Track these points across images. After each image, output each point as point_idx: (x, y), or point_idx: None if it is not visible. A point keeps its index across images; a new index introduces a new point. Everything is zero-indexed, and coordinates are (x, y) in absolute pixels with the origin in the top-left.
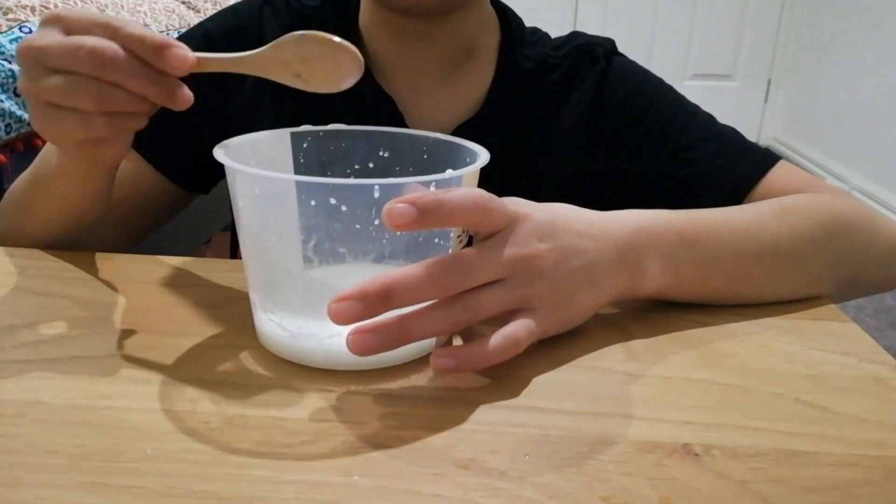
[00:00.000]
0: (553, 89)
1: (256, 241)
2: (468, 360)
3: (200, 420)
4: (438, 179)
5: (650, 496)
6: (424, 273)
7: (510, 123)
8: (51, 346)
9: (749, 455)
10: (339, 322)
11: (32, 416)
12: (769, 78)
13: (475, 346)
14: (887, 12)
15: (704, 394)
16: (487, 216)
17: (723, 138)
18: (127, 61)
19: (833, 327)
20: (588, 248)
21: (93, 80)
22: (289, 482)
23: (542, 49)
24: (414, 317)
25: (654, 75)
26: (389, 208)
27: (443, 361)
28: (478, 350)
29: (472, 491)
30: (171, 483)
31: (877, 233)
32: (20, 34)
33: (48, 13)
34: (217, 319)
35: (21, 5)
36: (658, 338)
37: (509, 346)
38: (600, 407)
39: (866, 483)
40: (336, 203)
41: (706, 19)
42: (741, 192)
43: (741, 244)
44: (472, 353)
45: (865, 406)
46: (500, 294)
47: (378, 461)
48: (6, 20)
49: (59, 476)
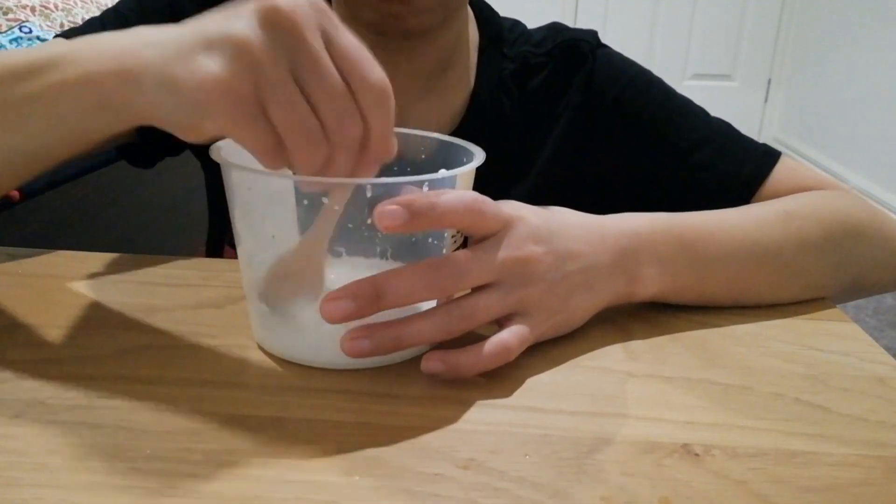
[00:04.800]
0: (539, 93)
1: (253, 240)
2: (459, 366)
3: (200, 420)
4: (431, 179)
5: (650, 496)
6: (417, 274)
7: (496, 131)
8: (51, 346)
9: (749, 455)
10: (332, 321)
11: (32, 416)
12: (769, 78)
13: (467, 353)
14: (888, 12)
15: (704, 394)
16: (480, 219)
17: (721, 138)
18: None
19: (833, 327)
20: (584, 252)
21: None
22: (289, 482)
23: (524, 47)
24: (408, 323)
25: (642, 68)
26: (381, 210)
27: (433, 365)
28: (469, 356)
29: (472, 491)
30: (171, 483)
31: (883, 236)
32: (20, 34)
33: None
34: (217, 319)
35: (21, 5)
36: (658, 338)
37: (500, 354)
38: (600, 407)
39: (866, 483)
40: (328, 202)
41: (706, 19)
42: (746, 194)
43: (742, 250)
44: (463, 359)
45: (865, 406)
46: (496, 300)
47: (378, 461)
48: (6, 20)
49: (59, 476)
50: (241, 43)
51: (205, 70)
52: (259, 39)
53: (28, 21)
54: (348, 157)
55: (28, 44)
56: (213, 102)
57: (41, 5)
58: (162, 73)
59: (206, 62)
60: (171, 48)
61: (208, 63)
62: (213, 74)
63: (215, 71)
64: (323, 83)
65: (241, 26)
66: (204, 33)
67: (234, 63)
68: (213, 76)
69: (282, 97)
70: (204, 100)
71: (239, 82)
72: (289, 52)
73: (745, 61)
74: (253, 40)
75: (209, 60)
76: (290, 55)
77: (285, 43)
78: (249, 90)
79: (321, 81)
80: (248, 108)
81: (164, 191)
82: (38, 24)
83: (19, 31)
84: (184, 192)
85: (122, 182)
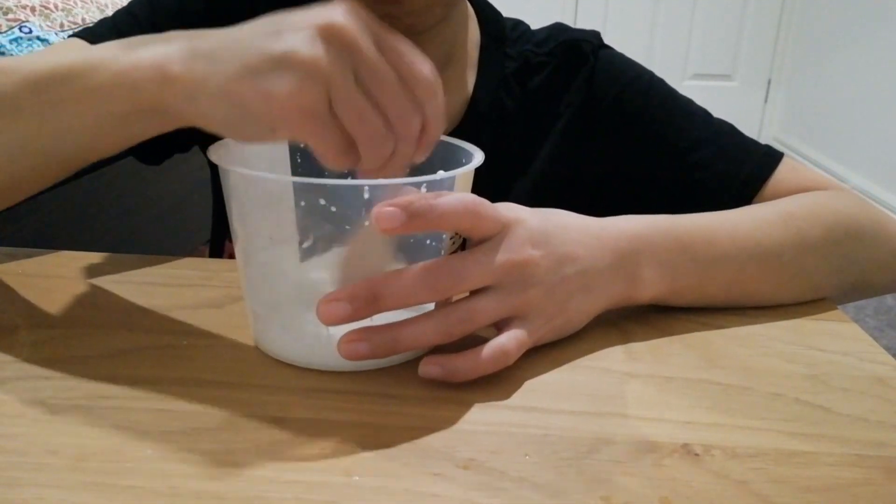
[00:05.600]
0: (540, 92)
1: (250, 241)
2: (457, 371)
3: (200, 420)
4: (429, 180)
5: (650, 496)
6: (414, 276)
7: (497, 129)
8: (51, 346)
9: (749, 455)
10: (328, 323)
11: (32, 416)
12: (769, 78)
13: (465, 357)
14: (887, 12)
15: (704, 394)
16: (478, 221)
17: (722, 138)
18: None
19: (833, 327)
20: (582, 254)
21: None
22: (289, 482)
23: (525, 46)
24: (406, 326)
25: (644, 68)
26: (378, 211)
27: (431, 369)
28: (467, 361)
29: (472, 491)
30: (171, 483)
31: (884, 237)
32: (20, 34)
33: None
34: (217, 319)
35: (21, 5)
36: (658, 338)
37: (499, 359)
38: (600, 407)
39: (866, 483)
40: (325, 204)
41: (706, 19)
42: (747, 195)
43: (743, 252)
44: (461, 363)
45: (865, 406)
46: (494, 303)
47: (378, 461)
48: (6, 20)
49: (59, 476)
50: (310, 61)
51: (278, 90)
52: (325, 56)
53: (28, 21)
54: (410, 147)
55: (28, 44)
56: (288, 118)
57: (41, 5)
58: (225, 90)
59: (277, 83)
60: (233, 64)
61: (280, 84)
62: (286, 93)
63: (288, 90)
64: (384, 85)
65: (306, 45)
66: (268, 52)
67: (307, 82)
68: (286, 95)
69: (352, 105)
70: (278, 116)
71: (313, 99)
72: (351, 62)
73: (745, 61)
74: (320, 58)
75: (280, 81)
76: (353, 64)
77: (347, 54)
78: (323, 103)
79: (383, 84)
80: (322, 119)
81: (164, 191)
82: (38, 24)
83: (19, 31)
84: (184, 192)
85: (122, 182)
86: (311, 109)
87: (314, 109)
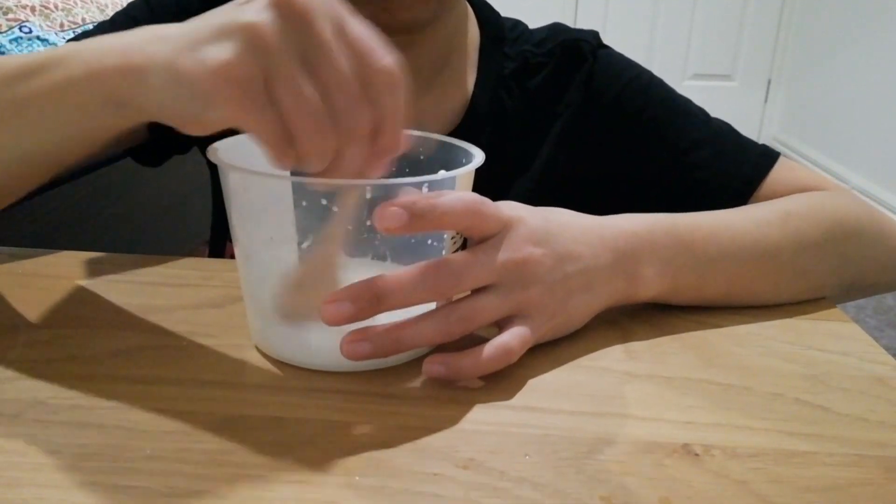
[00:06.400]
0: (540, 92)
1: (250, 242)
2: (460, 369)
3: (200, 420)
4: (430, 180)
5: (650, 496)
6: (416, 276)
7: (496, 129)
8: (51, 346)
9: (749, 455)
10: (330, 323)
11: (32, 416)
12: (769, 78)
13: (468, 356)
14: (888, 12)
15: (704, 394)
16: (480, 220)
17: (720, 138)
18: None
19: (833, 327)
20: (583, 253)
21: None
22: (289, 482)
23: (524, 46)
24: (408, 326)
25: (643, 68)
26: (381, 211)
27: (434, 368)
28: (470, 359)
29: (472, 491)
30: (171, 483)
31: (882, 236)
32: (20, 34)
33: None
34: (217, 319)
35: (21, 5)
36: (658, 338)
37: (502, 357)
38: (600, 407)
39: (866, 483)
40: (327, 204)
41: (706, 19)
42: (745, 194)
43: (742, 250)
44: (464, 362)
45: (865, 406)
46: (495, 302)
47: (378, 461)
48: (6, 20)
49: (59, 476)
50: (249, 28)
51: (211, 57)
52: (268, 25)
53: (28, 21)
54: (357, 150)
55: (28, 44)
56: (219, 89)
57: (41, 5)
58: (169, 65)
59: (213, 50)
60: (180, 41)
61: (216, 50)
62: (219, 60)
63: (222, 57)
64: (331, 69)
65: (251, 13)
66: (213, 24)
67: (241, 48)
68: (218, 61)
69: (288, 81)
70: (210, 87)
71: (245, 66)
72: (299, 39)
73: (745, 61)
74: (261, 25)
75: (217, 48)
76: (301, 42)
77: (296, 29)
78: (256, 74)
79: (329, 67)
80: (255, 94)
81: (164, 191)
82: (38, 24)
83: (19, 31)
84: (184, 192)
85: (122, 182)
86: (244, 83)
87: (247, 84)
